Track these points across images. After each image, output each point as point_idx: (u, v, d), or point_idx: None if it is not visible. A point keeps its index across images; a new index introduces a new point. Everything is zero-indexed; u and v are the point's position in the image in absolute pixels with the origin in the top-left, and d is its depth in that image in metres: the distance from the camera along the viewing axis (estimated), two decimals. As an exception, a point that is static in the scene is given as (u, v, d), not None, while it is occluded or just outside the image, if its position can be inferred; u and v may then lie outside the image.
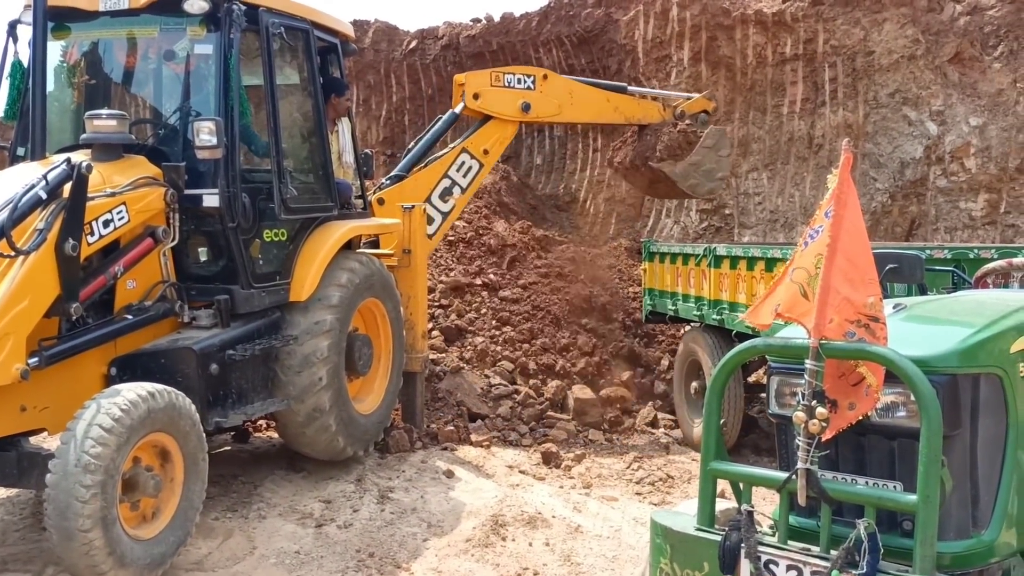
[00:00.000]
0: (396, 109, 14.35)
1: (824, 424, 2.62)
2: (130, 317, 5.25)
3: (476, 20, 14.00)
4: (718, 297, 7.75)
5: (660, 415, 8.82)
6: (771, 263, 6.92)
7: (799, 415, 2.65)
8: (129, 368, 5.15)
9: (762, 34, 11.71)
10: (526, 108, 8.51)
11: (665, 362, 9.63)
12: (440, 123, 8.65)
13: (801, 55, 11.57)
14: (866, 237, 2.80)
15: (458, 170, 8.34)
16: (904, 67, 11.05)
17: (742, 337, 7.66)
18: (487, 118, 8.53)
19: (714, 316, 7.75)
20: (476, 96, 8.40)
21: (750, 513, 2.79)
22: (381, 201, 7.93)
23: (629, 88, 9.64)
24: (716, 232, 11.95)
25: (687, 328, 8.74)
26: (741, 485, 2.92)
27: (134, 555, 4.40)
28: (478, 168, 8.44)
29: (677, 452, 8.00)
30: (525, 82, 8.52)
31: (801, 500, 2.68)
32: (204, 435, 4.93)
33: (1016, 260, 4.04)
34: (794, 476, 2.68)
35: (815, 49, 11.49)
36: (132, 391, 4.47)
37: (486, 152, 8.47)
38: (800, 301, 2.70)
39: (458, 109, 8.48)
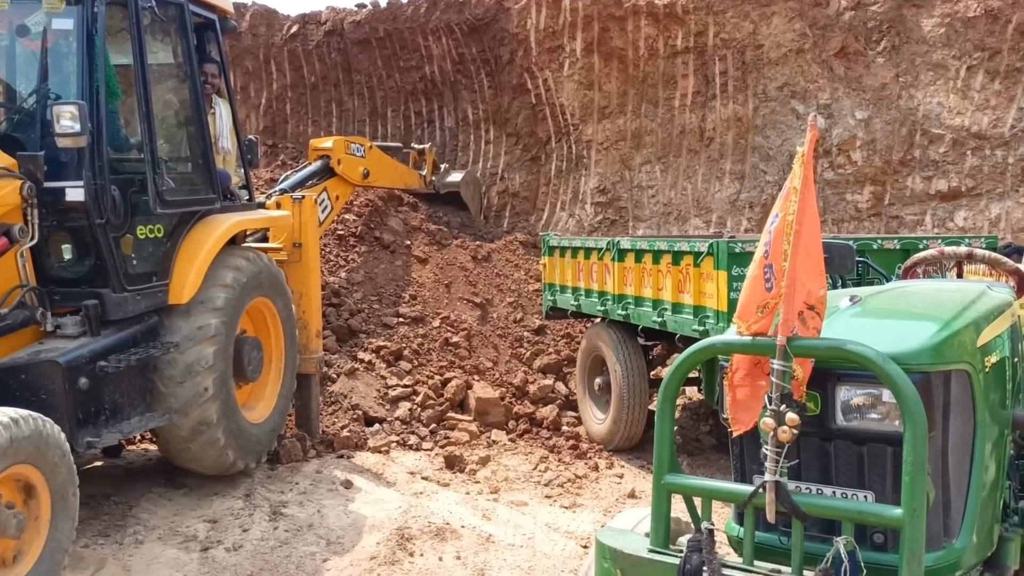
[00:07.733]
0: (277, 97, 13.66)
1: (795, 431, 2.36)
2: (-18, 327, 4.65)
3: (361, 5, 13.44)
4: (622, 292, 7.55)
5: (562, 412, 8.57)
6: (678, 256, 6.76)
7: (767, 422, 2.38)
8: (-18, 386, 4.56)
9: (653, 26, 11.63)
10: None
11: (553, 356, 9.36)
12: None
13: (692, 48, 11.54)
14: (819, 225, 2.57)
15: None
16: (792, 61, 11.15)
17: (648, 332, 7.49)
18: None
19: (619, 311, 7.55)
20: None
21: (711, 531, 2.51)
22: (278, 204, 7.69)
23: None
24: (611, 225, 11.82)
25: (590, 324, 8.53)
26: (699, 500, 2.63)
27: (-10, 602, 3.84)
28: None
29: (582, 450, 7.77)
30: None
31: (770, 516, 2.41)
32: (75, 466, 4.35)
33: (948, 249, 3.92)
34: (761, 490, 2.41)
35: (705, 42, 11.47)
36: (-11, 416, 3.90)
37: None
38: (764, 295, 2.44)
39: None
